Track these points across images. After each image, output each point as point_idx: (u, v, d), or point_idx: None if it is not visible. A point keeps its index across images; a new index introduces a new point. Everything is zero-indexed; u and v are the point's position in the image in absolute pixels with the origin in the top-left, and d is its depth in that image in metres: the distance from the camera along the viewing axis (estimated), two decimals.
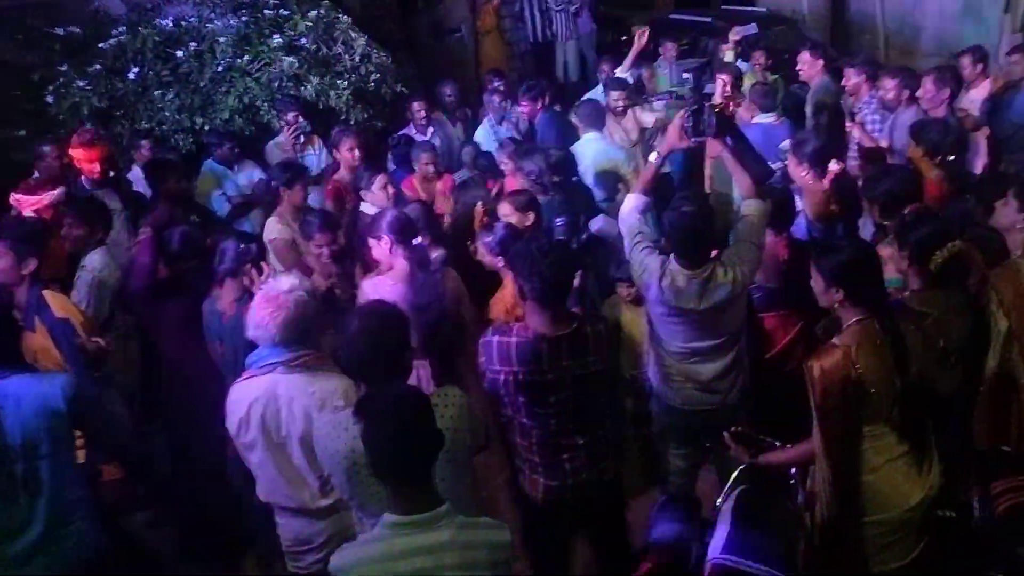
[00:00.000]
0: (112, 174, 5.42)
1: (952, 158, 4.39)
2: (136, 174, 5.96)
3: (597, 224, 4.19)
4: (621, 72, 7.15)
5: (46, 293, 3.84)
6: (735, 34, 7.16)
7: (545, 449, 3.15)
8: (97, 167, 5.29)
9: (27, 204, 4.88)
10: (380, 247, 3.91)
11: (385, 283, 3.85)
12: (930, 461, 2.95)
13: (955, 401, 3.25)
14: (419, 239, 3.93)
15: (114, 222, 4.85)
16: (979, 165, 5.39)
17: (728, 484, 3.14)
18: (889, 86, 5.43)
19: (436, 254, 4.06)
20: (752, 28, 6.89)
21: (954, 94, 5.33)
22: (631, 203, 3.69)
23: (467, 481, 2.84)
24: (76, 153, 5.30)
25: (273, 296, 3.02)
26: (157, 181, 5.31)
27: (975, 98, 6.22)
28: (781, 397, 3.62)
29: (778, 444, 3.18)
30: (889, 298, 3.08)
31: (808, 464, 3.02)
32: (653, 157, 3.81)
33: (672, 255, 3.49)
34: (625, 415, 4.22)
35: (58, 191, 4.99)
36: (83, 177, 5.42)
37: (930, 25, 12.84)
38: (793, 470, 3.18)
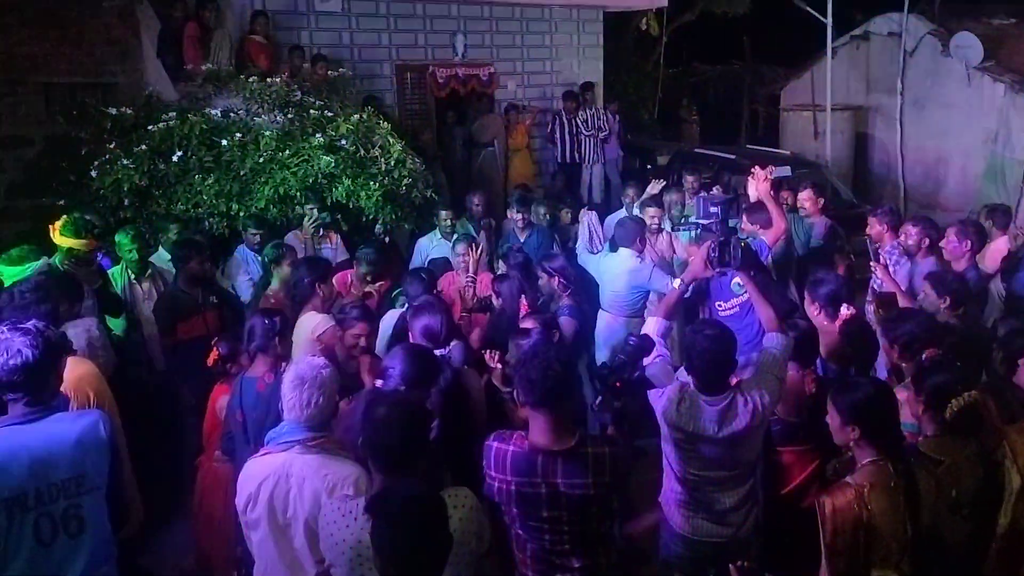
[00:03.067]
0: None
1: (962, 311, 4.45)
2: (162, 254, 6.11)
3: (653, 368, 4.18)
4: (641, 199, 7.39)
5: None
6: (770, 173, 7.31)
7: (539, 565, 3.06)
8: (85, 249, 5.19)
9: (9, 272, 4.77)
10: None
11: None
12: None
13: (966, 554, 3.18)
14: (444, 349, 3.96)
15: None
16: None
17: None
18: (911, 232, 5.54)
19: (455, 350, 4.09)
20: (787, 171, 6.96)
21: (976, 248, 5.43)
22: (652, 326, 3.72)
23: None
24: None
25: (307, 376, 3.06)
26: (180, 261, 5.45)
27: (992, 255, 6.33)
28: (794, 535, 3.54)
29: None
30: (904, 441, 3.07)
31: None
32: (676, 284, 3.87)
33: (692, 380, 3.50)
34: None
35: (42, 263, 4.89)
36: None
37: (952, 182, 13.19)
38: None
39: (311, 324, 4.82)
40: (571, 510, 2.97)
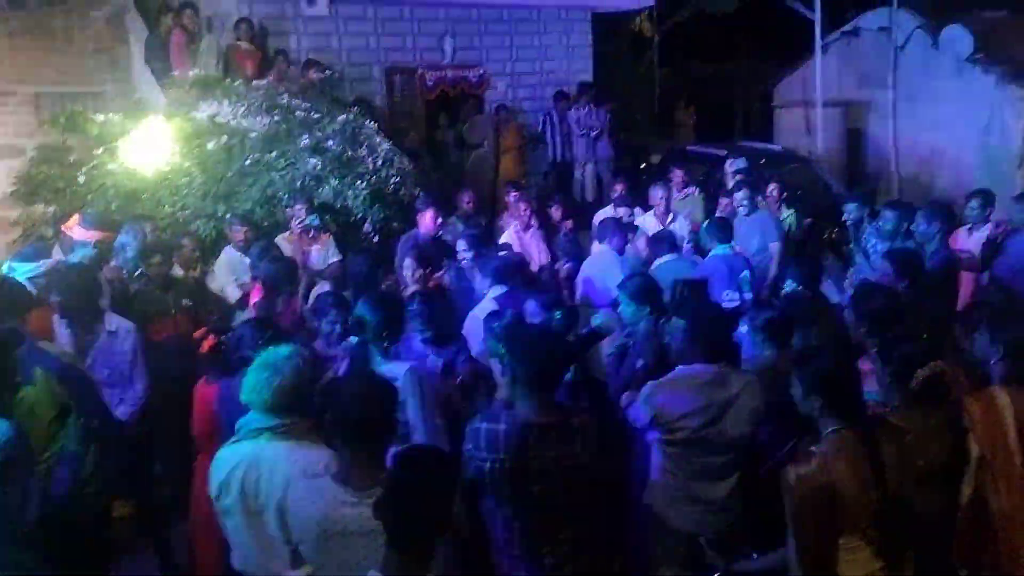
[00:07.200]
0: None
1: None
2: None
3: (599, 319, 4.29)
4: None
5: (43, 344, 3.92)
6: (730, 166, 7.59)
7: (528, 542, 3.11)
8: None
9: (22, 270, 4.94)
10: None
11: None
12: None
13: (939, 523, 3.20)
14: None
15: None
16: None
17: None
18: (888, 217, 5.59)
19: None
20: (743, 162, 7.70)
21: (947, 229, 5.46)
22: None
23: None
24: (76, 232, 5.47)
25: (271, 362, 3.06)
26: (142, 263, 5.53)
27: (977, 240, 6.35)
28: (772, 511, 3.56)
29: (755, 555, 3.14)
30: (867, 411, 3.09)
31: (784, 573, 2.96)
32: None
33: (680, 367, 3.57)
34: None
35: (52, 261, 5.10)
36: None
37: (946, 175, 13.18)
38: None
39: None
40: (561, 482, 3.05)
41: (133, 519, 4.63)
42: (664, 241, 6.21)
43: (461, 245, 5.95)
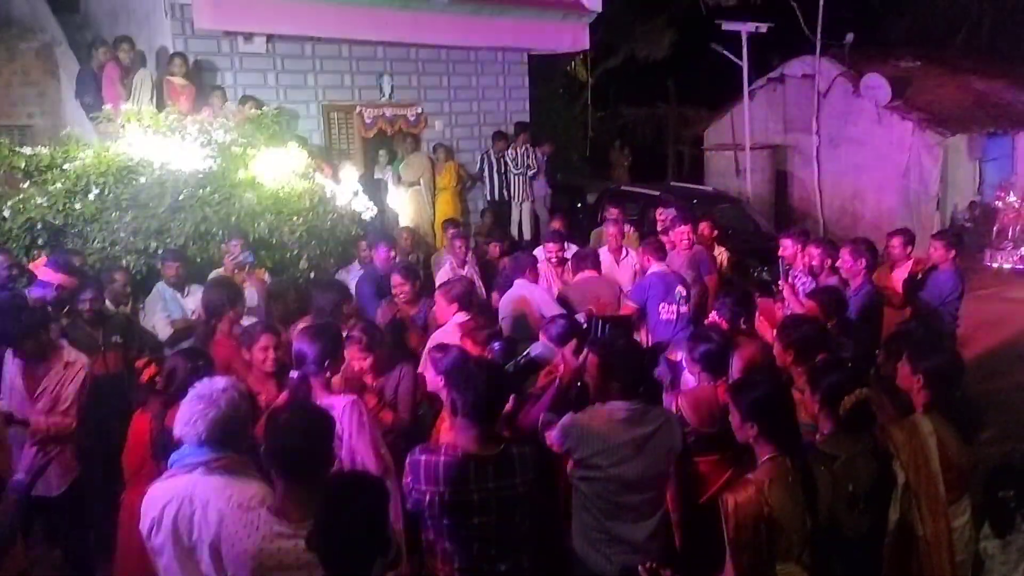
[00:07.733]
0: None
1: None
2: None
3: (536, 350, 4.30)
4: None
5: None
6: (660, 214, 8.28)
7: (466, 574, 3.09)
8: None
9: None
10: None
11: None
12: None
13: (867, 547, 3.28)
14: None
15: None
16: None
17: None
18: (814, 254, 5.80)
19: None
20: (672, 212, 8.15)
21: (871, 265, 5.68)
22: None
23: None
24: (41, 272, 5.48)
25: (206, 394, 2.98)
26: (73, 300, 5.43)
27: (898, 277, 6.60)
28: (712, 541, 3.59)
29: None
30: (801, 438, 3.17)
31: None
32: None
33: (597, 403, 3.57)
34: None
35: None
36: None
37: (868, 216, 13.72)
38: None
39: None
40: (500, 513, 3.05)
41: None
42: (587, 259, 6.50)
43: (396, 279, 5.94)
